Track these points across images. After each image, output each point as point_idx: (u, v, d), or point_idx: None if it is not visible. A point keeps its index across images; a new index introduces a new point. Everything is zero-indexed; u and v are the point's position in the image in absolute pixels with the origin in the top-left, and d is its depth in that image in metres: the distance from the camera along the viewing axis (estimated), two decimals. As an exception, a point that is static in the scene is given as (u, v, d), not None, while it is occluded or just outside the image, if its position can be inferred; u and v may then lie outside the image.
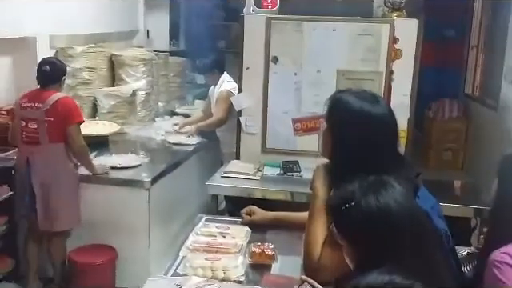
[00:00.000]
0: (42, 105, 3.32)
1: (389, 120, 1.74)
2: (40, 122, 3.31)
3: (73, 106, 3.39)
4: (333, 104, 1.73)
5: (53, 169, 3.33)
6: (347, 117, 1.70)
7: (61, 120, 3.30)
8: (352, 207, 1.30)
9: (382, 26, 3.39)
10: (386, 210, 1.29)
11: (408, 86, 3.45)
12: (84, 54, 4.45)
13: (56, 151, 3.34)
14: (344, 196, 1.34)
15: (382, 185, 1.33)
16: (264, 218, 2.29)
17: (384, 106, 1.77)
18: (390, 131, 1.75)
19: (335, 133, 1.71)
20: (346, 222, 1.33)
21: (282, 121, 3.66)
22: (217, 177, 3.51)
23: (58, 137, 3.32)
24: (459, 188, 3.83)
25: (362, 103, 1.70)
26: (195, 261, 1.80)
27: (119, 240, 3.52)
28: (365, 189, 1.32)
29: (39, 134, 3.32)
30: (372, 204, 1.29)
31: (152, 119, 4.94)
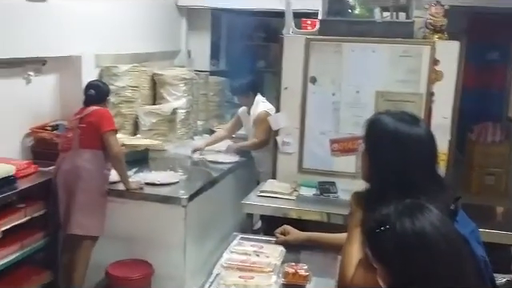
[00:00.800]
0: (79, 116, 3.49)
1: (428, 142, 1.71)
2: (74, 130, 3.47)
3: (105, 115, 3.49)
4: (370, 125, 1.73)
5: (78, 173, 3.39)
6: (383, 138, 1.68)
7: (93, 127, 3.41)
8: (387, 230, 1.29)
9: (422, 48, 3.36)
10: (421, 234, 1.26)
11: (449, 108, 3.39)
12: (127, 73, 4.58)
13: (85, 156, 3.42)
14: (379, 219, 1.33)
15: (418, 208, 1.31)
16: (298, 238, 2.28)
17: (423, 127, 1.74)
18: (428, 153, 1.72)
19: (372, 154, 1.70)
20: (380, 245, 1.31)
21: (320, 141, 3.65)
22: (252, 196, 3.52)
23: (88, 143, 3.42)
24: (501, 214, 3.71)
25: (399, 124, 1.68)
26: (229, 278, 1.80)
27: (156, 256, 3.55)
28: (400, 212, 1.30)
29: (72, 140, 3.46)
30: (407, 227, 1.27)
31: (191, 137, 5.01)
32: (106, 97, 3.67)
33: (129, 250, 3.57)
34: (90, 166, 3.42)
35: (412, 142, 1.67)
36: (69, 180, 3.40)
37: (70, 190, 3.39)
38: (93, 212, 3.43)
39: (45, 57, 3.95)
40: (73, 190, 3.38)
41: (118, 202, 3.58)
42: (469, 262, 1.35)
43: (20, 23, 3.58)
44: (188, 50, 6.02)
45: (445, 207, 1.67)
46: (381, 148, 1.68)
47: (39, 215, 3.49)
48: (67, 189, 3.40)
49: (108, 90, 3.75)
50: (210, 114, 5.71)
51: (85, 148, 3.44)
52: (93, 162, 3.43)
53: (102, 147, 3.44)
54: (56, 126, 4.07)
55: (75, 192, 3.38)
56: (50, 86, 4.19)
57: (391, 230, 1.28)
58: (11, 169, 3.29)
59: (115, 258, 3.55)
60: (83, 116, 3.48)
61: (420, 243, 1.26)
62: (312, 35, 3.64)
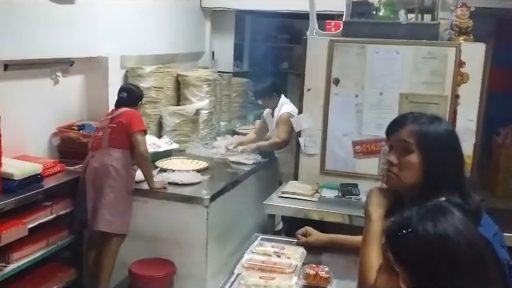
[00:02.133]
0: (110, 116, 3.56)
1: (457, 134, 1.75)
2: (105, 129, 3.54)
3: (136, 116, 3.55)
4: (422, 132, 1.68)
5: (107, 171, 3.44)
6: (441, 141, 1.68)
7: (123, 127, 3.48)
8: (409, 233, 1.28)
9: (448, 50, 3.33)
10: (443, 238, 1.25)
11: (474, 110, 3.35)
12: (152, 74, 4.63)
13: (113, 155, 3.48)
14: (401, 222, 1.32)
15: (441, 211, 1.30)
16: (319, 239, 2.28)
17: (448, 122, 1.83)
18: (462, 152, 1.75)
19: (429, 157, 1.67)
20: (402, 248, 1.30)
21: (342, 143, 3.64)
22: (274, 197, 3.53)
23: (117, 142, 3.49)
24: (530, 218, 3.63)
25: (447, 125, 1.74)
26: (249, 279, 1.81)
27: (178, 255, 3.59)
28: (422, 215, 1.29)
29: (101, 139, 3.53)
30: (430, 231, 1.26)
31: (214, 138, 5.05)
32: (137, 101, 3.73)
33: (152, 248, 3.62)
34: (118, 165, 3.47)
35: (457, 141, 1.72)
36: (97, 177, 3.46)
37: (98, 188, 3.46)
38: (120, 210, 3.48)
39: (72, 58, 4.03)
40: (101, 188, 3.45)
41: (141, 201, 3.64)
42: (492, 266, 1.34)
43: (48, 24, 3.66)
44: (212, 51, 6.06)
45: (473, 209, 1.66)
46: (436, 145, 1.67)
47: (65, 213, 3.56)
48: (95, 186, 3.46)
49: (140, 95, 3.80)
50: (233, 114, 5.74)
51: (114, 147, 3.50)
52: (121, 160, 3.49)
53: (130, 147, 3.50)
54: (82, 125, 4.14)
55: (103, 189, 3.44)
56: (77, 86, 4.27)
57: (414, 233, 1.27)
58: (39, 167, 3.36)
59: (138, 256, 3.60)
60: (114, 116, 3.56)
61: (443, 246, 1.25)
62: (336, 37, 3.63)
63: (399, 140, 1.71)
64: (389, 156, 1.73)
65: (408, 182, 1.70)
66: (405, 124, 1.72)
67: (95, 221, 3.44)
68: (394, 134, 1.74)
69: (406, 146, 1.69)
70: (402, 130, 1.71)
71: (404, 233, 1.28)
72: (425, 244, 1.25)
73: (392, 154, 1.72)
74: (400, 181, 1.71)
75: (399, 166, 1.70)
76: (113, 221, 3.45)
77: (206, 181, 3.91)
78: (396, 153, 1.71)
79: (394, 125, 1.76)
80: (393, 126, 1.76)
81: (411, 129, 1.69)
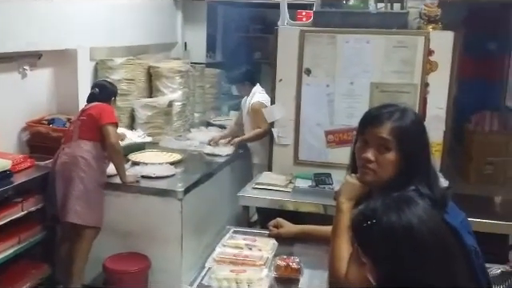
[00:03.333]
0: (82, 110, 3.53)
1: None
2: (75, 122, 3.51)
3: (106, 109, 3.51)
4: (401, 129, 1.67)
5: (76, 162, 3.40)
6: (415, 131, 1.69)
7: (93, 119, 3.44)
8: (373, 224, 1.28)
9: (417, 39, 3.36)
10: (408, 228, 1.26)
11: (444, 98, 3.39)
12: (123, 65, 4.57)
13: (83, 147, 3.44)
14: (366, 213, 1.33)
15: (405, 202, 1.31)
16: (290, 230, 2.28)
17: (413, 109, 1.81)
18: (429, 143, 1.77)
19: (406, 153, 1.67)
20: (367, 239, 1.31)
21: (315, 133, 3.66)
22: (248, 188, 3.53)
23: (88, 135, 3.45)
24: (499, 203, 3.71)
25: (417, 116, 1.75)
26: (220, 272, 1.81)
27: (153, 249, 3.57)
28: (387, 206, 1.30)
29: (72, 132, 3.50)
30: (394, 221, 1.27)
31: (187, 130, 5.01)
32: (110, 97, 3.68)
33: (126, 243, 3.59)
34: (88, 156, 3.43)
35: (425, 131, 1.73)
36: (67, 169, 3.41)
37: (67, 179, 3.40)
38: (90, 202, 3.44)
39: (40, 51, 3.94)
40: (70, 179, 3.40)
41: (113, 196, 3.60)
42: (457, 255, 1.35)
43: (15, 17, 3.56)
44: (184, 42, 6.00)
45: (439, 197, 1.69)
46: (413, 141, 1.67)
47: (36, 209, 3.49)
48: (65, 178, 3.41)
49: (114, 91, 3.75)
50: (207, 106, 5.70)
51: (84, 139, 3.46)
52: (91, 152, 3.45)
53: (100, 139, 3.46)
54: (52, 119, 4.07)
55: (72, 181, 3.39)
56: (46, 79, 4.18)
57: (378, 224, 1.28)
58: (7, 163, 3.29)
59: (112, 251, 3.57)
60: (85, 109, 3.52)
61: (407, 236, 1.26)
62: (306, 27, 3.62)
63: (378, 137, 1.68)
64: (365, 152, 1.70)
65: (384, 177, 1.70)
66: (382, 120, 1.69)
67: (65, 212, 3.39)
68: (370, 129, 1.71)
69: (384, 144, 1.67)
70: (381, 126, 1.68)
71: (369, 224, 1.29)
72: (389, 234, 1.26)
73: (369, 150, 1.70)
74: (377, 177, 1.70)
75: (377, 162, 1.69)
76: (83, 212, 3.39)
77: (180, 173, 3.89)
78: (373, 149, 1.69)
79: (371, 120, 1.73)
80: (369, 121, 1.73)
81: (390, 126, 1.67)
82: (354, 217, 1.37)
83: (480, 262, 1.70)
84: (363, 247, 1.34)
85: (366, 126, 1.72)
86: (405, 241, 1.26)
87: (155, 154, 4.24)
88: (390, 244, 1.27)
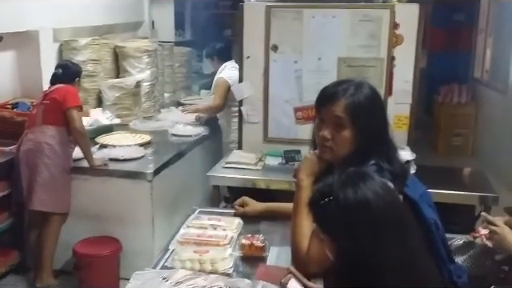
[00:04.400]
0: (45, 93, 3.43)
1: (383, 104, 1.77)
2: (38, 106, 3.42)
3: (70, 92, 3.42)
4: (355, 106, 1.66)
5: (41, 148, 3.34)
6: (369, 107, 1.68)
7: (56, 103, 3.36)
8: (330, 201, 1.28)
9: (382, 12, 3.34)
10: (364, 203, 1.26)
11: (410, 71, 3.39)
12: (88, 46, 4.47)
13: (48, 133, 3.37)
14: (323, 190, 1.32)
15: (361, 177, 1.31)
16: (256, 209, 2.27)
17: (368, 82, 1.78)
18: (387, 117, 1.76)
19: (362, 129, 1.66)
20: (324, 216, 1.31)
21: (284, 110, 3.64)
22: (218, 167, 3.51)
23: (52, 119, 3.37)
24: (466, 175, 3.77)
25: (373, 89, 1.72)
26: (183, 254, 1.79)
27: (124, 232, 3.54)
28: (343, 182, 1.30)
29: (36, 116, 3.40)
30: (350, 197, 1.26)
31: (157, 110, 4.94)
32: (74, 77, 3.59)
33: (96, 227, 3.55)
34: (53, 142, 3.36)
35: (383, 104, 1.74)
36: (31, 156, 3.34)
37: (32, 166, 3.34)
38: (56, 188, 3.38)
39: (1, 33, 3.82)
40: (35, 166, 3.33)
41: (82, 179, 3.55)
42: (413, 228, 1.36)
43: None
44: (151, 20, 5.88)
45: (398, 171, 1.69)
46: (368, 117, 1.67)
47: (2, 196, 3.43)
48: (29, 165, 3.34)
49: (78, 71, 3.66)
50: (177, 85, 5.63)
51: (48, 124, 3.38)
52: (56, 137, 3.38)
53: (65, 124, 3.38)
54: (16, 104, 3.98)
55: (37, 168, 3.32)
56: (8, 63, 4.08)
57: (335, 201, 1.28)
58: (-31, 150, 3.22)
59: (82, 236, 3.53)
60: (48, 92, 3.43)
61: (363, 211, 1.27)
62: (272, 2, 3.57)
63: (333, 115, 1.67)
64: (322, 130, 1.70)
65: (342, 154, 1.70)
66: (337, 98, 1.67)
67: (31, 200, 3.33)
68: (325, 107, 1.70)
69: (339, 122, 1.67)
70: (335, 104, 1.67)
71: (326, 201, 1.29)
72: (346, 210, 1.26)
73: (325, 128, 1.70)
74: (335, 154, 1.71)
75: (334, 140, 1.69)
76: (49, 200, 3.35)
77: (150, 155, 3.84)
78: (329, 127, 1.69)
79: (325, 98, 1.71)
80: (323, 99, 1.72)
81: (344, 103, 1.66)
82: (311, 195, 1.36)
83: (440, 234, 1.71)
84: (321, 224, 1.34)
85: (321, 105, 1.71)
86: (361, 216, 1.26)
87: (124, 135, 4.18)
88: (346, 220, 1.27)
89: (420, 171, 3.31)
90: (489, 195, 3.12)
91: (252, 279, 1.78)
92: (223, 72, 4.45)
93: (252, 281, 1.72)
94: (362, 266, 1.25)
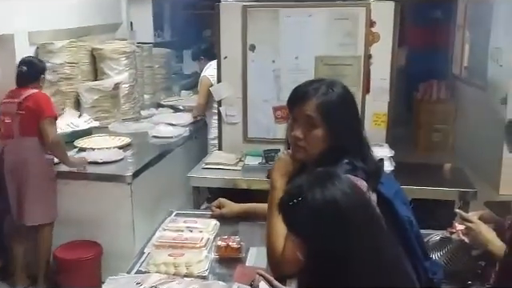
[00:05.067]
0: (17, 100, 3.35)
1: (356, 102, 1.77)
2: (13, 116, 3.35)
3: (44, 101, 3.39)
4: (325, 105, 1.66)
5: (25, 162, 3.33)
6: (340, 106, 1.68)
7: (32, 114, 3.33)
8: (299, 202, 1.27)
9: (358, 10, 3.35)
10: (332, 203, 1.26)
11: (387, 69, 3.41)
12: (64, 49, 4.41)
13: (28, 145, 3.34)
14: (292, 192, 1.31)
15: (329, 177, 1.31)
16: (233, 210, 2.26)
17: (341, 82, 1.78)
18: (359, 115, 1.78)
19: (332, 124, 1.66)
20: (294, 217, 1.30)
21: (263, 109, 3.64)
22: (198, 168, 3.50)
23: (30, 131, 3.34)
24: (446, 170, 3.80)
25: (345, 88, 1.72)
26: (158, 257, 1.78)
27: (104, 236, 3.51)
28: (311, 183, 1.29)
29: (12, 127, 3.35)
30: (318, 197, 1.26)
31: (137, 112, 4.91)
32: (40, 74, 3.54)
33: (76, 231, 3.53)
34: (35, 154, 3.36)
35: (355, 103, 1.73)
36: (16, 171, 3.33)
37: (19, 182, 3.33)
38: (46, 199, 3.40)
39: (-26, 37, 3.77)
40: (22, 181, 3.33)
41: (62, 184, 3.52)
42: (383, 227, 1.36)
43: None
44: (130, 21, 5.83)
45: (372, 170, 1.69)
46: (340, 115, 1.67)
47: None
48: (16, 180, 3.33)
49: (43, 67, 3.61)
50: (157, 86, 5.59)
51: (26, 136, 3.35)
52: (37, 148, 3.37)
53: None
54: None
55: (25, 183, 3.32)
56: (-18, 67, 4.00)
57: (303, 202, 1.27)
58: None
59: (63, 240, 3.51)
60: (21, 101, 3.35)
61: (332, 212, 1.26)
62: (248, 2, 3.57)
63: (304, 115, 1.67)
64: (294, 130, 1.70)
65: (315, 154, 1.70)
66: (308, 97, 1.68)
67: (23, 216, 3.34)
68: (297, 107, 1.70)
69: (311, 121, 1.67)
70: (306, 103, 1.67)
71: (294, 202, 1.28)
72: (314, 211, 1.26)
73: (297, 127, 1.70)
74: (307, 153, 1.71)
75: (306, 139, 1.69)
76: (41, 212, 3.38)
77: (129, 157, 3.82)
78: (301, 127, 1.69)
79: (296, 98, 1.72)
80: (295, 99, 1.72)
81: (315, 103, 1.66)
82: (280, 198, 1.35)
83: (414, 231, 1.72)
84: (291, 226, 1.33)
85: (293, 104, 1.71)
86: (329, 216, 1.26)
87: (103, 138, 4.14)
88: (315, 221, 1.26)
89: (399, 168, 3.34)
90: (468, 190, 3.15)
91: (229, 281, 1.77)
92: (207, 70, 4.49)
93: (227, 283, 1.71)
94: (332, 266, 1.25)
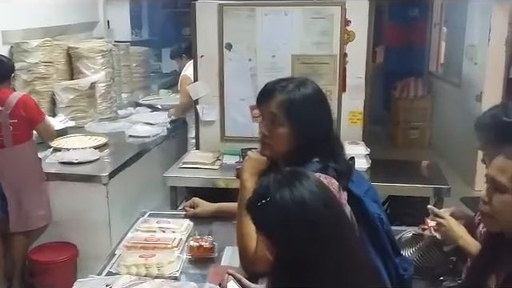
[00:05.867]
0: (2, 108, 3.27)
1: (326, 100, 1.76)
2: (4, 126, 3.26)
3: (34, 106, 3.40)
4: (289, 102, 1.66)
5: (21, 170, 3.31)
6: (307, 105, 1.67)
7: (25, 121, 3.31)
8: (267, 202, 1.27)
9: (333, 9, 3.37)
10: (300, 202, 1.26)
11: (362, 67, 3.43)
12: (39, 48, 4.33)
13: (22, 152, 3.32)
14: (259, 192, 1.31)
15: (296, 176, 1.30)
16: (207, 209, 2.26)
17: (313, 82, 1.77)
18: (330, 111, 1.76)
19: (297, 123, 1.66)
20: (262, 217, 1.30)
21: (240, 108, 3.63)
22: (175, 168, 3.48)
23: (22, 137, 3.32)
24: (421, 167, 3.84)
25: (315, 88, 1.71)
26: (128, 258, 1.76)
27: (80, 237, 3.47)
28: (279, 183, 1.29)
29: (3, 137, 3.28)
30: (286, 197, 1.25)
31: (114, 111, 4.86)
32: (10, 73, 3.46)
33: (51, 232, 3.48)
34: (29, 159, 3.36)
35: (325, 103, 1.73)
36: (14, 180, 3.29)
37: (17, 188, 3.30)
38: (42, 201, 3.40)
39: None
40: (20, 187, 3.30)
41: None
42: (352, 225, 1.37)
43: None
44: (107, 20, 5.77)
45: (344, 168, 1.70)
46: (304, 114, 1.66)
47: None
48: (14, 187, 3.30)
49: (12, 66, 3.56)
50: (135, 85, 5.55)
51: (20, 143, 3.31)
52: (30, 153, 3.38)
53: (32, 133, 3.40)
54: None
55: (25, 190, 3.31)
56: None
57: (271, 202, 1.26)
58: None
59: (38, 242, 3.46)
60: (11, 110, 3.26)
61: (300, 211, 1.26)
62: (224, 0, 3.55)
63: (268, 112, 1.68)
64: (261, 126, 1.72)
65: (281, 151, 1.71)
66: (273, 94, 1.68)
67: (21, 223, 3.33)
68: (263, 103, 1.71)
69: (274, 118, 1.67)
70: (271, 100, 1.68)
71: (263, 202, 1.27)
72: (283, 211, 1.25)
73: (263, 124, 1.71)
74: (273, 150, 1.72)
75: (270, 136, 1.69)
76: (40, 215, 3.38)
77: (105, 157, 3.77)
78: (267, 123, 1.70)
79: (263, 94, 1.72)
80: (262, 95, 1.73)
81: (279, 100, 1.66)
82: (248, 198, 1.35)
83: (385, 228, 1.73)
84: (259, 226, 1.33)
85: (260, 101, 1.72)
86: (298, 215, 1.26)
87: (79, 138, 4.09)
88: (283, 220, 1.26)
89: (376, 165, 3.37)
90: (442, 187, 3.18)
91: (201, 281, 1.76)
92: (188, 70, 4.45)
93: (199, 283, 1.70)
94: (300, 265, 1.25)
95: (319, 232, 1.26)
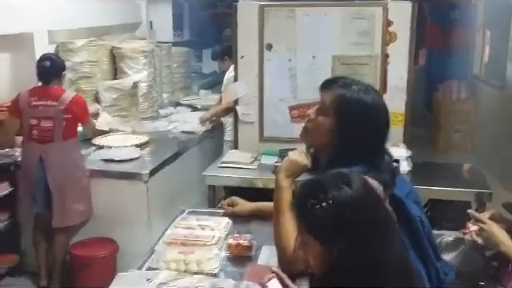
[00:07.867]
0: (56, 103, 3.40)
1: (386, 109, 1.72)
2: (57, 120, 3.40)
3: (84, 105, 3.58)
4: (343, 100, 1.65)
5: (66, 166, 3.43)
6: (359, 112, 1.64)
7: (75, 118, 3.47)
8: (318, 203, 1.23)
9: (375, 9, 3.32)
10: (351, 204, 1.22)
11: (404, 69, 3.38)
12: (84, 47, 4.46)
13: (70, 148, 3.46)
14: (309, 192, 1.27)
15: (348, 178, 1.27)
16: (245, 208, 2.27)
17: (379, 95, 1.77)
18: (386, 120, 1.73)
19: (341, 126, 1.65)
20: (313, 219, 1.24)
21: (279, 108, 3.63)
22: (214, 167, 3.51)
23: (71, 133, 3.48)
24: (463, 171, 3.75)
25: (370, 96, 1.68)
26: (168, 254, 1.79)
27: (120, 233, 3.55)
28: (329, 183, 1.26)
29: (54, 131, 3.40)
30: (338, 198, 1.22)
31: (156, 111, 4.94)
32: (61, 71, 3.60)
33: (92, 228, 3.58)
34: (76, 154, 3.51)
35: (380, 116, 1.69)
36: (60, 175, 3.42)
37: (61, 183, 3.42)
38: (85, 197, 3.52)
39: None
40: (65, 182, 3.42)
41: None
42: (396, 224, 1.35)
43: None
44: (149, 21, 5.88)
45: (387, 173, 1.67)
46: (353, 117, 1.64)
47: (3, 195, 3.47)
48: (59, 182, 3.41)
49: (63, 64, 3.68)
50: (176, 86, 5.63)
51: (68, 139, 3.46)
52: (78, 149, 3.54)
53: (77, 132, 3.57)
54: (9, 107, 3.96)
55: (68, 184, 3.42)
56: (3, 66, 4.08)
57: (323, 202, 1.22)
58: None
59: (79, 237, 3.55)
60: (66, 106, 3.41)
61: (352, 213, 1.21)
62: (265, 1, 3.57)
63: (322, 100, 1.70)
64: (311, 110, 1.73)
65: (313, 141, 1.72)
66: (332, 87, 1.69)
67: (63, 218, 3.43)
68: (322, 90, 1.72)
69: (324, 108, 1.68)
70: (328, 91, 1.69)
71: (313, 202, 1.24)
72: (335, 212, 1.22)
73: (314, 110, 1.72)
74: (308, 137, 1.73)
75: (313, 121, 1.70)
76: (81, 211, 3.49)
77: (146, 155, 3.85)
78: (317, 109, 1.71)
79: (326, 82, 1.74)
80: (323, 84, 1.74)
81: (335, 93, 1.67)
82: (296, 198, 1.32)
83: (426, 231, 1.70)
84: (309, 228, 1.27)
85: (321, 88, 1.73)
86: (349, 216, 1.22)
87: (121, 136, 4.18)
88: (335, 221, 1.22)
89: (416, 168, 3.31)
90: (483, 191, 3.10)
91: (239, 279, 1.77)
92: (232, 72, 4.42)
93: (237, 281, 1.71)
94: (361, 268, 1.21)
95: (368, 234, 1.22)
